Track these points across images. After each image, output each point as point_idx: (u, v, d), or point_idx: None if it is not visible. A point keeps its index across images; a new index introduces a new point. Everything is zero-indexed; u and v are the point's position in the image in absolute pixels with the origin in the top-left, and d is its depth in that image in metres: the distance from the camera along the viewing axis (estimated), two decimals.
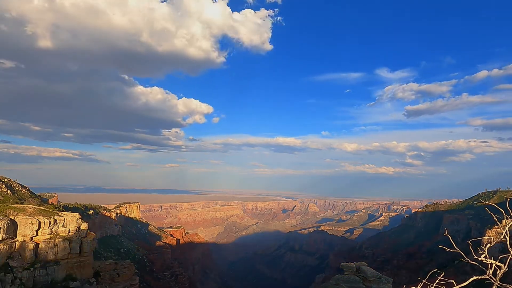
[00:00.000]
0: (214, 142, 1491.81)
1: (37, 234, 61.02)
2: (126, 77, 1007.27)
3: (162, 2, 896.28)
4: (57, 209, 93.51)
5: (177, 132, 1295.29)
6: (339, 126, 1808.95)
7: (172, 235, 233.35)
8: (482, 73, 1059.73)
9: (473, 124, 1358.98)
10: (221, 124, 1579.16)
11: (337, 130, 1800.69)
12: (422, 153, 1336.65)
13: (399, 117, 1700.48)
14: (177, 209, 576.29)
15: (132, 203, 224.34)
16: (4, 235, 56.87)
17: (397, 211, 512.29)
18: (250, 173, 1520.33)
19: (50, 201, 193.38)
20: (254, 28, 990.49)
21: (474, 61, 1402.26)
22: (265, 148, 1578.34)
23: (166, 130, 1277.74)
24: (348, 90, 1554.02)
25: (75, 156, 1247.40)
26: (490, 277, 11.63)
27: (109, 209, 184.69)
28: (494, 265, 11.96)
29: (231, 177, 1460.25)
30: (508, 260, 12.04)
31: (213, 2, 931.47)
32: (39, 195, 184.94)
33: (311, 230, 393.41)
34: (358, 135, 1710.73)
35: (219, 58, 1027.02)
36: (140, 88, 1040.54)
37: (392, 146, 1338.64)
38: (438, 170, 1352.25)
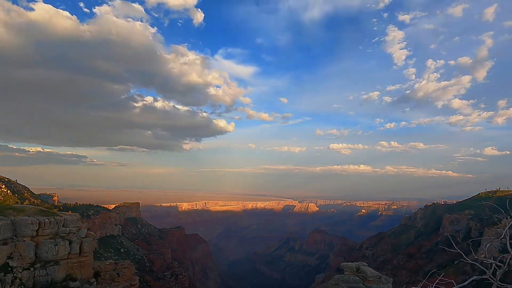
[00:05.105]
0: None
1: (37, 234, 60.94)
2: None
3: None
4: (57, 209, 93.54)
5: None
6: None
7: (172, 235, 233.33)
8: None
9: None
10: None
11: None
12: None
13: None
14: (177, 209, 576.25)
15: (132, 203, 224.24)
16: (4, 235, 56.86)
17: (397, 211, 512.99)
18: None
19: (50, 200, 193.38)
20: None
21: None
22: None
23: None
24: None
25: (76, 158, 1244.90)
26: (490, 277, 11.63)
27: (109, 209, 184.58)
28: (494, 265, 11.96)
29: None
30: (508, 260, 12.04)
31: None
32: (39, 195, 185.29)
33: (311, 230, 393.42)
34: None
35: None
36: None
37: None
38: None
